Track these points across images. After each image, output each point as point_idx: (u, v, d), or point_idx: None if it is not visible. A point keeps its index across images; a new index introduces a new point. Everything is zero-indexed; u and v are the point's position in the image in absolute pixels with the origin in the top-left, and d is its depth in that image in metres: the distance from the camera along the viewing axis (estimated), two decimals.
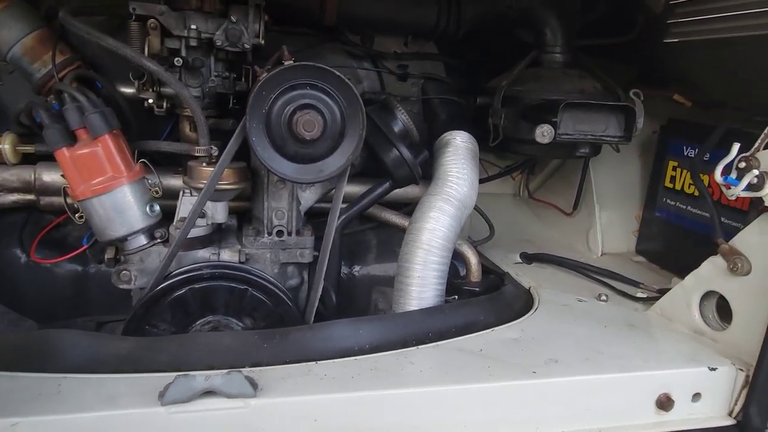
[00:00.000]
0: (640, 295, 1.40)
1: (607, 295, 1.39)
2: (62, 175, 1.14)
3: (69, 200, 1.17)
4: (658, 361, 1.10)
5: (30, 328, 1.12)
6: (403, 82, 1.53)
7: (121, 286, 1.21)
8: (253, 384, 0.88)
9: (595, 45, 1.68)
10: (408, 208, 1.57)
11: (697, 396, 1.08)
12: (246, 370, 0.92)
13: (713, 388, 1.09)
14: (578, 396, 1.02)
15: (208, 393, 0.86)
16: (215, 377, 0.85)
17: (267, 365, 0.98)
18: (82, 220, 1.17)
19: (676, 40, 1.79)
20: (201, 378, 0.85)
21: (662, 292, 1.37)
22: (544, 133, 1.19)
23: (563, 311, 1.30)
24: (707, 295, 1.21)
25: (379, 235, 1.51)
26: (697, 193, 1.48)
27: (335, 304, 1.31)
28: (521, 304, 1.33)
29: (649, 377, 1.06)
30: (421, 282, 1.24)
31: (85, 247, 1.28)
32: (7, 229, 1.33)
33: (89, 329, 1.32)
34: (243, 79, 1.29)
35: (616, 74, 1.55)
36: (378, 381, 0.96)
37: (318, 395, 0.91)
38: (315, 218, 1.44)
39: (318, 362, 1.00)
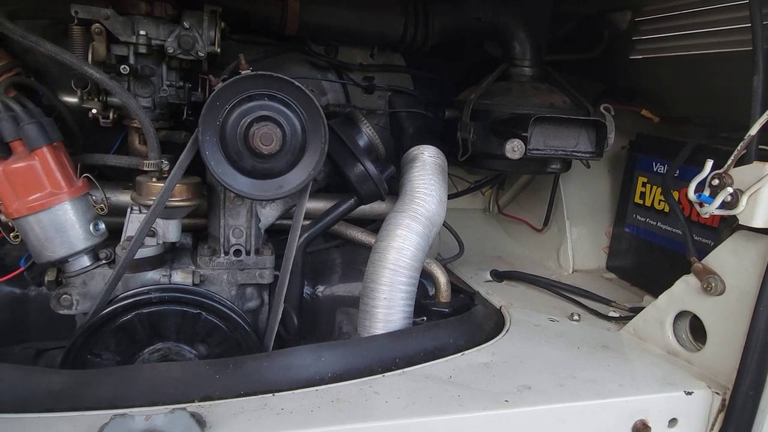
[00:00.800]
0: (612, 314, 1.37)
1: (579, 315, 1.35)
2: None
3: (3, 218, 1.07)
4: (634, 385, 1.06)
5: None
6: (369, 95, 1.48)
7: (61, 312, 1.11)
8: (201, 422, 0.80)
9: (562, 60, 1.68)
10: (374, 224, 1.52)
11: (673, 421, 1.04)
12: (193, 406, 0.84)
13: (690, 412, 1.05)
14: (552, 425, 0.97)
15: None
16: (156, 416, 0.77)
17: (219, 399, 0.90)
18: (18, 240, 1.07)
19: (642, 56, 1.81)
20: (140, 418, 0.76)
21: (634, 310, 1.34)
22: (514, 149, 1.15)
23: (535, 332, 1.26)
24: (681, 315, 1.18)
25: (344, 254, 1.45)
26: (666, 209, 1.47)
27: (297, 328, 1.23)
28: (492, 325, 1.28)
29: (625, 403, 1.02)
30: (388, 304, 1.18)
31: (22, 268, 1.18)
32: None
33: (27, 357, 1.21)
34: (199, 89, 1.21)
35: (583, 89, 1.54)
36: (340, 414, 0.89)
37: None
38: (276, 236, 1.37)
39: (275, 394, 0.93)
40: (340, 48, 1.44)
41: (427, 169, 1.32)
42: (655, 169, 1.50)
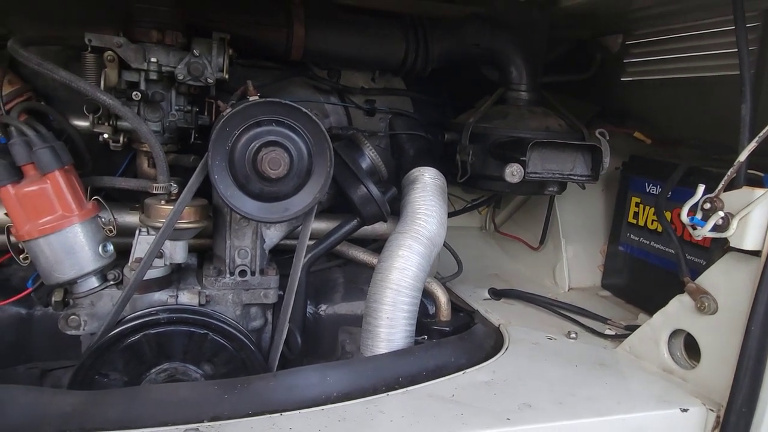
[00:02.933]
0: (608, 332, 1.40)
1: (576, 333, 1.38)
2: (5, 214, 1.06)
3: (13, 240, 1.09)
4: (631, 403, 1.08)
5: None
6: (370, 117, 1.51)
7: (68, 332, 1.13)
8: None
9: (555, 81, 1.73)
10: (375, 244, 1.55)
11: None
12: (204, 426, 0.86)
13: (685, 429, 1.08)
14: None
15: None
16: None
17: (227, 419, 0.92)
18: (27, 261, 1.09)
19: (633, 78, 1.87)
20: None
21: (629, 328, 1.37)
22: (513, 173, 1.18)
23: (534, 350, 1.28)
24: (675, 333, 1.21)
25: (346, 273, 1.47)
26: (659, 229, 1.50)
27: (300, 347, 1.25)
28: (492, 343, 1.31)
29: (622, 420, 1.04)
30: (390, 323, 1.20)
31: (30, 289, 1.19)
32: None
33: (33, 377, 1.22)
34: (206, 113, 1.25)
35: (576, 111, 1.58)
36: None
37: None
38: (279, 255, 1.40)
39: (282, 414, 0.94)
40: (342, 72, 1.48)
41: (427, 191, 1.35)
42: (647, 190, 1.54)
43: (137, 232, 1.15)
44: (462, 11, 1.59)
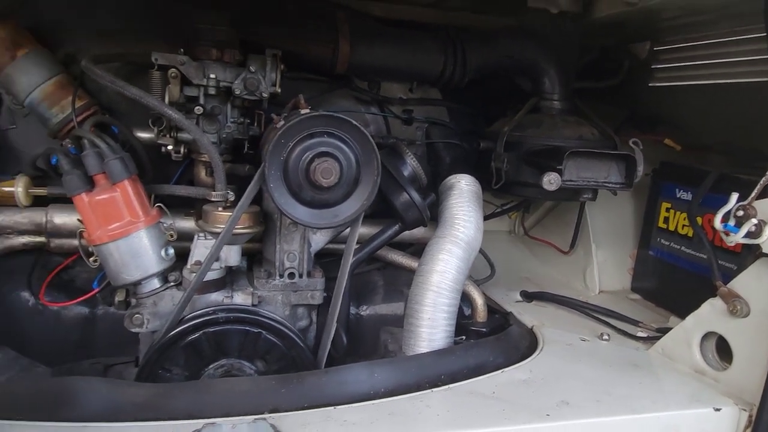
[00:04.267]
0: (640, 334, 1.44)
1: (608, 335, 1.42)
2: (79, 220, 1.15)
3: (83, 243, 1.17)
4: (665, 402, 1.13)
5: (42, 374, 1.11)
6: (408, 126, 1.58)
7: (133, 330, 1.21)
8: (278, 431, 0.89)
9: (583, 88, 1.76)
10: (412, 248, 1.61)
11: None
12: (269, 416, 0.93)
13: (718, 428, 1.12)
14: None
15: None
16: (241, 425, 0.86)
17: (285, 411, 0.99)
18: (96, 263, 1.18)
19: (661, 84, 1.90)
20: (227, 426, 0.85)
21: (661, 331, 1.41)
22: (551, 181, 1.24)
23: (568, 351, 1.33)
24: (707, 336, 1.24)
25: (385, 276, 1.54)
26: (690, 234, 1.54)
27: (346, 346, 1.32)
28: (526, 344, 1.36)
29: (657, 419, 1.09)
30: (431, 324, 1.26)
31: (96, 290, 1.28)
32: (16, 272, 1.32)
33: (97, 372, 1.30)
34: (255, 125, 1.32)
35: (605, 117, 1.63)
36: (398, 426, 0.97)
37: None
38: (321, 258, 1.47)
39: (336, 407, 1.01)
40: (381, 83, 1.55)
41: (464, 197, 1.41)
42: (678, 196, 1.58)
43: (195, 236, 1.23)
44: (495, 23, 1.65)
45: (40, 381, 1.06)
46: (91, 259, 1.17)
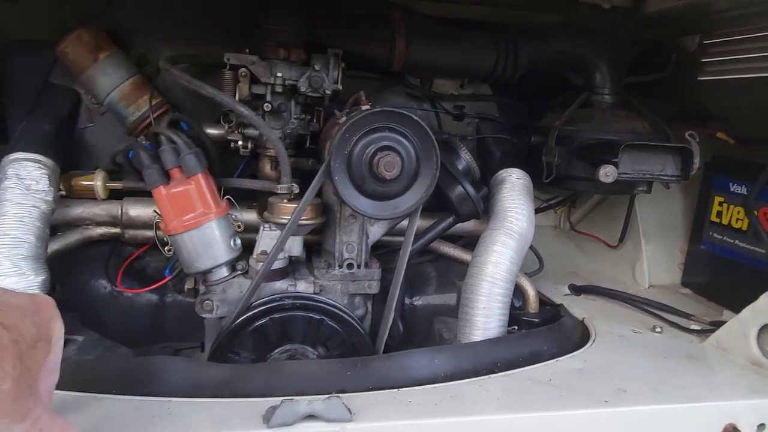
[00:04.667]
0: (694, 327, 1.44)
1: (661, 327, 1.43)
2: (155, 211, 1.23)
3: (159, 233, 1.25)
4: (723, 392, 1.13)
5: (126, 355, 1.19)
6: (458, 122, 1.61)
7: (203, 315, 1.28)
8: (349, 409, 0.94)
9: (630, 82, 1.76)
10: (463, 240, 1.64)
11: (762, 426, 1.11)
12: (341, 395, 0.97)
13: None
14: (650, 425, 1.06)
15: (309, 417, 0.91)
16: (316, 402, 0.91)
17: (352, 392, 1.04)
18: (171, 252, 1.25)
19: (711, 78, 1.88)
20: (303, 403, 0.90)
21: (715, 324, 1.41)
22: (607, 173, 1.26)
23: (621, 342, 1.35)
24: (765, 328, 1.24)
25: (437, 267, 1.58)
26: (744, 228, 1.53)
27: (402, 334, 1.37)
28: (579, 335, 1.38)
29: (715, 408, 1.10)
30: (486, 313, 1.30)
31: (168, 278, 1.36)
32: (94, 261, 1.41)
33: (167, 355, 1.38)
34: (314, 120, 1.38)
35: (653, 111, 1.63)
36: (461, 408, 1.01)
37: (407, 420, 0.96)
38: (376, 250, 1.51)
39: (399, 389, 1.06)
40: (433, 80, 1.59)
41: (516, 190, 1.44)
42: (732, 190, 1.57)
43: (261, 227, 1.30)
44: (545, 19, 1.67)
45: (126, 360, 1.14)
46: (166, 248, 1.25)
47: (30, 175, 1.17)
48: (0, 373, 0.59)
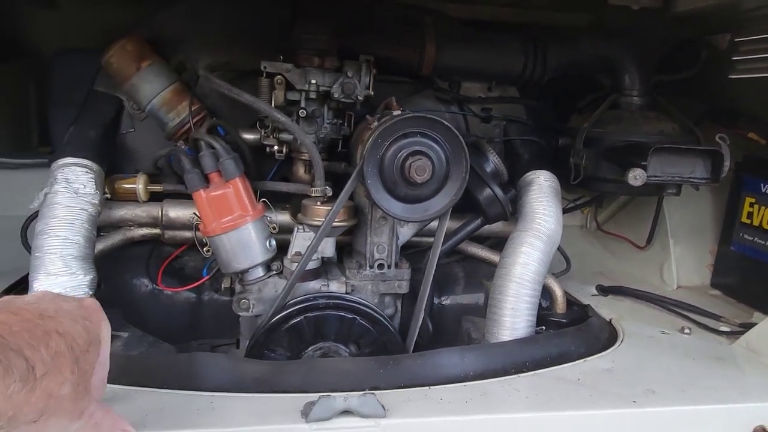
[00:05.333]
0: (723, 328, 1.44)
1: (690, 329, 1.43)
2: (195, 213, 1.28)
3: (198, 235, 1.30)
4: (752, 394, 1.14)
5: (168, 351, 1.25)
6: (486, 124, 1.63)
7: (239, 313, 1.33)
8: (383, 406, 0.97)
9: (658, 81, 1.76)
10: (489, 241, 1.67)
11: None
12: (375, 392, 1.01)
13: None
14: (679, 426, 1.07)
15: (345, 412, 0.95)
16: (352, 398, 0.95)
17: (384, 389, 1.07)
18: (209, 253, 1.31)
19: (742, 76, 1.86)
20: (340, 398, 0.95)
21: (744, 326, 1.41)
22: (636, 176, 1.27)
23: (649, 343, 1.36)
24: None
25: (465, 268, 1.60)
26: None
27: (431, 333, 1.40)
28: (606, 335, 1.39)
29: (745, 410, 1.10)
30: (514, 313, 1.32)
31: (206, 277, 1.42)
32: (136, 260, 1.47)
33: (204, 351, 1.44)
34: (345, 125, 1.42)
35: (682, 110, 1.62)
36: (491, 406, 1.03)
37: (439, 417, 0.99)
38: (404, 250, 1.55)
39: (431, 387, 1.09)
40: (462, 83, 1.61)
41: (544, 192, 1.46)
42: (763, 191, 1.56)
43: (295, 229, 1.34)
44: (573, 20, 1.68)
45: (170, 356, 1.20)
46: (205, 248, 1.30)
47: (78, 179, 1.24)
48: (60, 378, 0.64)
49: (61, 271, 1.15)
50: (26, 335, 0.63)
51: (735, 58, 1.84)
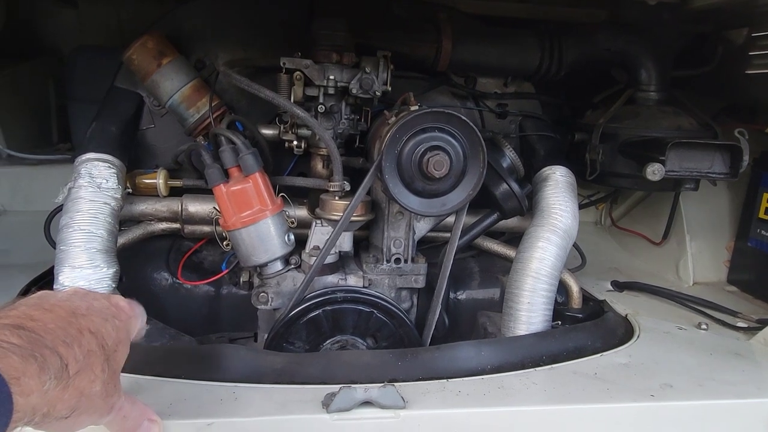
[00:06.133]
0: (740, 324, 1.44)
1: (707, 324, 1.43)
2: (215, 208, 1.30)
3: (218, 229, 1.32)
4: None
5: (190, 343, 1.27)
6: (501, 120, 1.64)
7: (258, 306, 1.34)
8: (402, 397, 0.99)
9: (676, 76, 1.75)
10: (505, 236, 1.67)
11: None
12: (394, 384, 1.02)
13: None
14: (696, 420, 1.08)
15: (365, 403, 0.97)
16: (372, 390, 0.96)
17: (402, 381, 1.08)
18: (229, 247, 1.32)
19: (760, 71, 1.84)
20: (361, 390, 0.96)
21: (762, 322, 1.41)
22: (654, 171, 1.27)
23: (666, 338, 1.36)
24: None
25: (480, 262, 1.61)
26: None
27: (447, 327, 1.41)
28: (623, 330, 1.39)
29: (762, 405, 1.10)
30: (530, 308, 1.32)
31: (225, 271, 1.44)
32: (157, 254, 1.50)
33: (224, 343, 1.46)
34: (362, 120, 1.43)
35: (699, 106, 1.61)
36: (509, 398, 1.04)
37: (457, 409, 1.01)
38: (420, 245, 1.56)
39: (449, 380, 1.10)
40: (477, 79, 1.62)
41: (560, 188, 1.46)
42: None
43: (313, 224, 1.35)
44: (588, 16, 1.67)
45: (193, 347, 1.22)
46: (225, 243, 1.32)
47: (101, 174, 1.26)
48: (91, 376, 0.66)
49: (85, 264, 1.17)
50: (60, 333, 0.65)
51: (752, 53, 1.83)
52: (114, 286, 1.21)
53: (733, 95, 1.90)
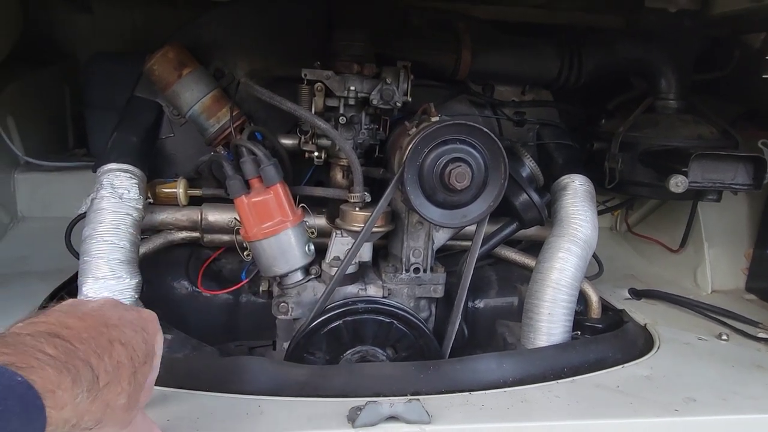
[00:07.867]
0: (761, 335, 1.43)
1: (727, 335, 1.42)
2: (236, 219, 1.30)
3: (239, 239, 1.32)
4: None
5: (212, 353, 1.28)
6: (519, 128, 1.63)
7: (279, 316, 1.35)
8: (427, 412, 0.99)
9: (693, 81, 1.73)
10: (522, 245, 1.67)
11: None
12: (419, 398, 1.02)
13: None
14: None
15: (390, 418, 0.97)
16: (398, 404, 0.96)
17: (425, 394, 1.08)
18: (250, 257, 1.33)
19: None
20: (387, 404, 0.96)
21: None
22: (678, 183, 1.26)
23: (686, 350, 1.35)
24: None
25: (498, 271, 1.61)
26: None
27: (467, 337, 1.41)
28: (642, 341, 1.39)
29: None
30: (550, 318, 1.32)
31: (245, 280, 1.44)
32: (176, 263, 1.50)
33: (242, 353, 1.47)
34: (381, 130, 1.43)
35: (718, 111, 1.60)
36: (533, 413, 1.04)
37: (483, 424, 1.00)
38: (438, 253, 1.55)
39: (471, 393, 1.10)
40: (495, 87, 1.61)
41: (579, 196, 1.46)
42: None
43: (333, 234, 1.35)
44: (607, 22, 1.67)
45: (216, 359, 1.22)
46: (245, 253, 1.32)
47: (122, 185, 1.26)
48: (118, 389, 0.66)
49: (108, 275, 1.18)
50: (93, 343, 0.65)
51: None
52: (137, 296, 1.22)
53: (752, 100, 1.88)
